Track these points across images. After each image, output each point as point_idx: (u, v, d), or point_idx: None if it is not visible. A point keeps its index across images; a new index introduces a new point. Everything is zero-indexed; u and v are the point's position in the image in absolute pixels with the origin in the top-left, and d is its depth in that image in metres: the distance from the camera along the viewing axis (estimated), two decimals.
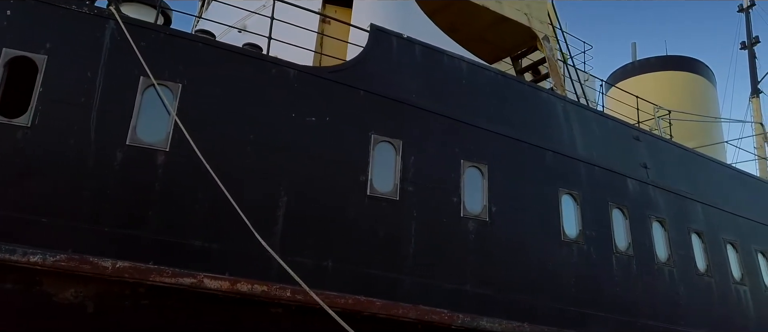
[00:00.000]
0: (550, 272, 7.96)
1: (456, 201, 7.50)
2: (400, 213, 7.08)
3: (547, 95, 9.27)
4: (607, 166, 9.22)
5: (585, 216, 8.56)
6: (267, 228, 6.31)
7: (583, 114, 9.59)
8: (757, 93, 23.67)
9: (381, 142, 7.19)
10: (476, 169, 7.81)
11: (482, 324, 7.11)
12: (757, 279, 10.74)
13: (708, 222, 10.33)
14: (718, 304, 9.77)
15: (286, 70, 6.86)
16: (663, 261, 9.21)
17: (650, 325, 8.71)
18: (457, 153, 7.72)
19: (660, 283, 9.06)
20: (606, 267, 8.51)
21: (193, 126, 6.11)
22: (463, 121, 7.92)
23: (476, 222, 7.55)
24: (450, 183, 7.53)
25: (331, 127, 6.93)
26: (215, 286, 5.97)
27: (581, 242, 8.35)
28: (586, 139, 9.29)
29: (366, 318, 6.60)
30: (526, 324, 7.42)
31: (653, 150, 10.39)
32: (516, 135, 8.37)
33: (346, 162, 6.91)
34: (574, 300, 8.03)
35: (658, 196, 9.74)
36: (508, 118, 8.51)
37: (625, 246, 8.83)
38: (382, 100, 7.35)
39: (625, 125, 10.32)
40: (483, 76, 8.60)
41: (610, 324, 8.24)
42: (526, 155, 8.37)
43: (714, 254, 10.08)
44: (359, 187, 6.90)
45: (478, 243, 7.51)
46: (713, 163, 11.68)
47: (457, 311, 7.02)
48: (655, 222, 9.42)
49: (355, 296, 6.52)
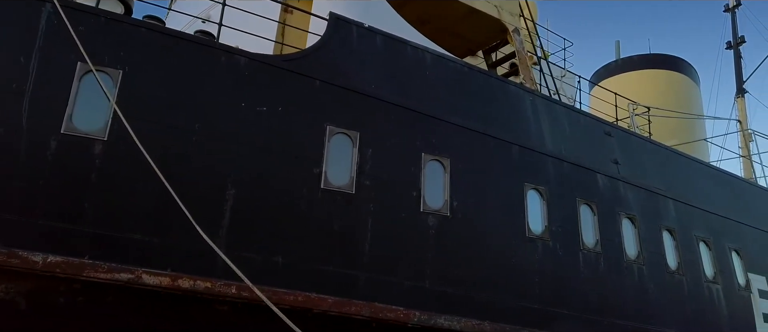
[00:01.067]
0: (514, 269, 7.74)
1: (416, 196, 7.26)
2: (356, 208, 6.83)
3: (516, 89, 9.06)
4: (576, 161, 9.02)
5: (551, 212, 8.35)
6: (213, 222, 6.05)
7: (553, 108, 9.39)
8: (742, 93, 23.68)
9: (337, 134, 6.94)
10: (438, 163, 7.58)
11: (440, 322, 6.88)
12: (731, 278, 10.59)
13: (680, 219, 10.16)
14: (690, 303, 9.59)
15: (236, 57, 6.59)
16: (633, 259, 9.02)
17: (618, 324, 8.52)
18: (418, 146, 7.48)
19: (629, 281, 8.88)
20: (572, 264, 8.30)
21: (134, 114, 5.83)
22: (425, 114, 7.69)
23: (436, 218, 7.32)
24: (410, 177, 7.30)
25: (284, 118, 6.68)
26: (154, 282, 5.69)
27: (547, 238, 8.14)
28: (555, 133, 9.08)
29: (317, 315, 6.36)
30: (486, 323, 7.19)
31: (625, 146, 10.21)
32: (481, 128, 8.15)
33: (298, 154, 6.65)
34: (538, 298, 7.81)
35: (629, 192, 9.56)
36: (474, 111, 8.29)
37: (593, 243, 8.63)
38: (338, 90, 7.10)
39: (596, 120, 10.14)
40: (448, 68, 8.38)
41: (576, 322, 8.04)
42: (490, 149, 8.15)
43: (686, 252, 9.91)
44: (313, 180, 6.65)
45: (439, 238, 7.27)
46: (688, 159, 11.53)
47: (414, 308, 6.78)
48: (625, 218, 9.24)
49: (306, 293, 6.27)
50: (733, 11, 24.35)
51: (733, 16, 24.37)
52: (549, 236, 8.18)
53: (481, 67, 8.97)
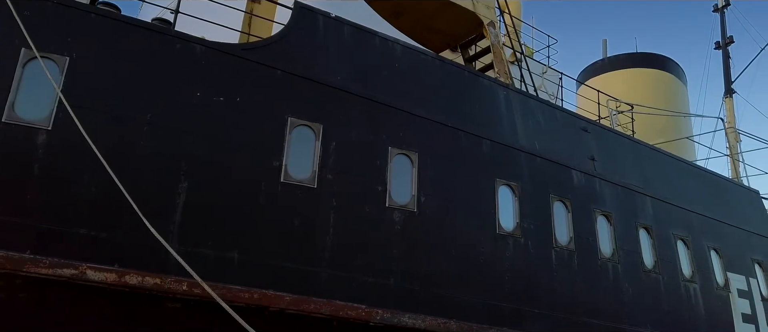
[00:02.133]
0: (483, 266, 7.54)
1: (381, 191, 7.05)
2: (318, 202, 6.61)
3: (489, 83, 8.86)
4: (550, 157, 8.83)
5: (524, 208, 8.16)
6: (165, 216, 5.82)
7: (528, 103, 9.20)
8: (730, 93, 23.61)
9: (299, 126, 6.72)
10: (405, 157, 7.36)
11: (404, 320, 6.67)
12: (709, 277, 10.44)
13: (658, 217, 9.99)
14: (666, 302, 9.42)
15: (193, 45, 6.35)
16: (607, 257, 8.85)
17: (592, 323, 8.33)
18: (385, 139, 7.27)
19: (603, 280, 8.70)
20: (544, 262, 8.11)
21: (81, 103, 5.59)
22: (393, 107, 7.48)
23: (403, 213, 7.10)
24: (375, 171, 7.08)
25: (242, 109, 6.44)
26: (99, 278, 5.44)
27: (518, 235, 7.95)
28: (529, 128, 8.89)
29: (274, 314, 6.13)
30: (453, 321, 6.99)
31: (603, 142, 10.04)
32: (451, 122, 7.94)
33: (257, 146, 6.42)
34: (508, 296, 7.61)
35: (605, 190, 9.38)
36: (444, 104, 8.08)
37: (566, 241, 8.44)
38: (301, 81, 6.88)
39: (573, 116, 9.96)
40: (418, 61, 8.16)
41: (547, 321, 7.85)
42: (461, 143, 7.94)
43: (663, 250, 9.75)
44: (272, 174, 6.42)
45: (404, 234, 7.06)
46: (667, 157, 11.36)
47: (376, 306, 6.57)
48: (600, 216, 9.06)
49: (262, 290, 6.04)
50: (722, 11, 24.26)
51: (721, 16, 24.29)
52: (520, 233, 7.98)
53: (453, 60, 8.76)
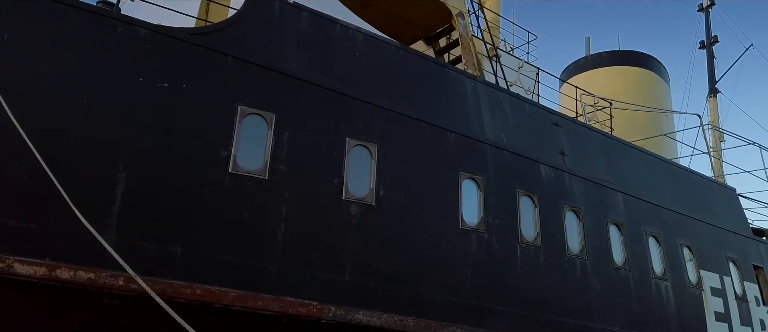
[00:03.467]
0: (445, 262, 7.30)
1: (337, 183, 6.78)
2: (269, 194, 6.33)
3: (456, 74, 8.62)
4: (518, 150, 8.61)
5: (489, 202, 7.93)
6: (102, 207, 5.52)
7: (496, 96, 8.98)
8: (714, 92, 23.58)
9: (250, 115, 6.43)
10: (364, 149, 7.10)
11: (358, 317, 6.41)
12: (681, 275, 10.28)
13: (629, 213, 9.81)
14: (636, 300, 9.24)
15: (136, 29, 6.04)
16: (575, 254, 8.64)
17: (558, 321, 8.12)
18: (342, 130, 7.01)
19: (571, 277, 8.49)
20: (509, 257, 7.89)
21: (10, 86, 5.27)
22: (352, 96, 7.21)
23: (360, 206, 6.85)
24: (331, 163, 6.82)
25: (188, 95, 6.15)
26: (27, 272, 5.13)
27: (482, 230, 7.71)
28: (496, 121, 8.67)
29: (219, 311, 5.85)
30: (410, 319, 6.74)
31: (574, 137, 9.84)
32: (414, 114, 7.69)
33: (203, 135, 6.13)
34: (470, 293, 7.38)
35: (575, 185, 9.18)
36: (407, 95, 7.83)
37: (532, 236, 8.22)
38: (254, 68, 6.59)
39: (544, 110, 9.75)
40: (381, 50, 7.91)
41: (511, 318, 7.63)
42: (424, 135, 7.70)
43: (634, 247, 9.57)
44: (219, 164, 6.13)
45: (362, 229, 6.80)
46: (641, 153, 11.20)
47: (329, 303, 6.30)
48: (569, 211, 8.85)
49: (206, 286, 5.75)
50: (707, 11, 24.26)
51: (706, 16, 24.29)
52: (485, 228, 7.75)
53: (418, 51, 8.52)
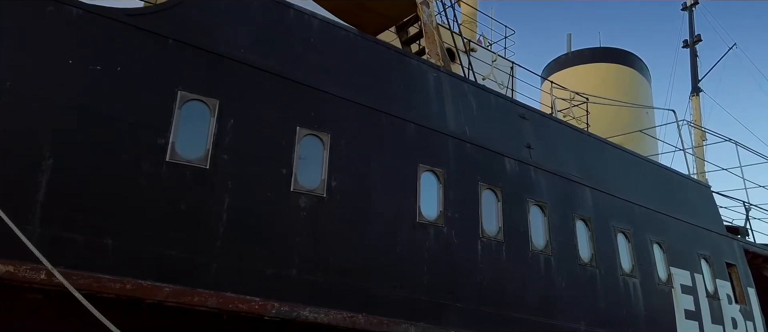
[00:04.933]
0: (400, 257, 7.02)
1: (285, 173, 6.48)
2: (210, 185, 6.02)
3: (417, 63, 8.35)
4: (481, 143, 8.35)
5: (449, 196, 7.67)
6: (25, 197, 5.18)
7: (460, 87, 8.71)
8: (697, 91, 23.49)
9: (190, 101, 6.11)
10: (316, 138, 6.81)
11: (304, 314, 6.12)
12: (651, 272, 10.08)
13: (598, 208, 9.60)
14: (603, 297, 9.03)
15: (67, 8, 5.70)
16: (539, 249, 8.40)
17: (520, 318, 7.88)
18: (292, 118, 6.71)
19: (534, 273, 8.25)
20: (469, 253, 7.63)
21: None
22: (305, 84, 6.91)
23: (309, 198, 6.55)
24: (279, 153, 6.51)
25: (123, 79, 5.82)
26: None
27: (441, 224, 7.45)
28: (460, 113, 8.40)
29: (152, 306, 5.53)
30: (361, 315, 6.46)
31: (541, 130, 9.60)
32: (371, 103, 7.41)
33: (139, 121, 5.80)
34: (426, 289, 7.11)
35: (541, 179, 8.94)
36: (365, 84, 7.54)
37: (494, 231, 7.97)
38: (197, 52, 6.27)
39: (510, 102, 9.51)
40: (338, 37, 7.61)
41: (470, 316, 7.37)
42: (381, 126, 7.42)
43: (601, 243, 9.35)
44: (156, 152, 5.81)
45: (311, 222, 6.51)
46: (612, 148, 11.00)
47: (273, 299, 6.00)
48: (533, 206, 8.61)
49: (137, 281, 5.43)
50: (691, 9, 24.18)
51: (690, 15, 24.22)
52: (444, 222, 7.49)
53: (377, 39, 8.23)
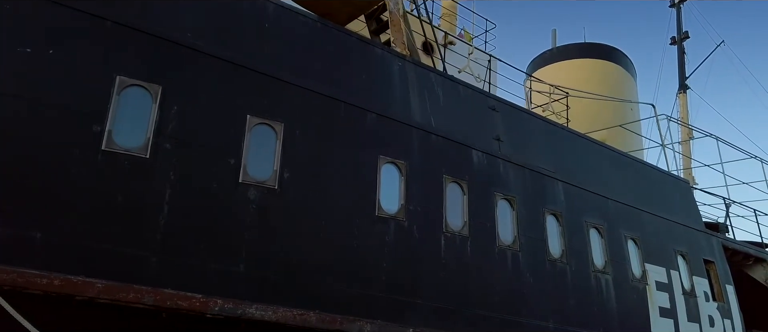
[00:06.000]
0: (357, 252, 6.73)
1: (234, 164, 6.16)
2: (150, 176, 5.68)
3: (381, 52, 8.04)
4: (447, 134, 8.07)
5: (411, 189, 7.38)
6: None
7: (427, 77, 8.41)
8: (684, 89, 23.34)
9: (130, 86, 5.78)
10: (268, 127, 6.49)
11: (250, 312, 5.80)
12: (625, 268, 9.85)
13: (570, 203, 9.34)
14: (573, 294, 8.77)
15: None
16: (507, 245, 8.13)
17: (485, 316, 7.61)
18: (242, 106, 6.38)
19: (501, 269, 7.98)
20: (432, 248, 7.34)
21: None
22: (257, 70, 6.59)
23: (260, 191, 6.23)
24: (227, 142, 6.19)
25: (55, 63, 5.47)
26: None
27: (402, 218, 7.16)
28: (425, 103, 8.11)
29: (83, 303, 5.19)
30: (312, 313, 6.15)
31: (513, 123, 9.33)
32: (329, 92, 7.10)
33: (72, 107, 5.46)
34: (385, 286, 6.82)
35: (510, 172, 8.67)
36: (324, 72, 7.23)
37: (459, 226, 7.69)
38: (137, 34, 5.93)
39: (480, 93, 9.22)
40: (295, 22, 7.28)
41: (431, 313, 7.09)
42: (339, 115, 7.11)
43: (573, 238, 9.10)
44: (90, 140, 5.47)
45: (261, 215, 6.20)
46: (586, 141, 10.74)
47: (217, 296, 5.69)
48: (501, 200, 8.34)
49: (67, 276, 5.09)
50: (679, 6, 24.05)
51: (678, 12, 24.11)
52: (405, 216, 7.20)
53: (337, 25, 7.91)
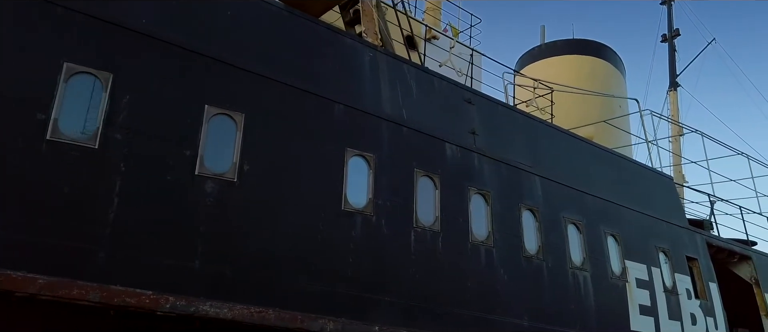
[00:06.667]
0: (321, 247, 6.50)
1: (190, 155, 5.92)
2: (99, 166, 5.44)
3: (351, 42, 7.82)
4: (418, 127, 7.85)
5: (380, 182, 7.16)
6: None
7: (400, 69, 8.19)
8: (675, 86, 23.22)
9: (79, 74, 5.53)
10: (228, 118, 6.25)
11: (204, 309, 5.56)
12: (604, 265, 9.66)
13: (548, 198, 9.15)
14: (549, 291, 8.57)
15: None
16: (481, 240, 7.92)
17: (457, 313, 7.39)
18: (200, 96, 6.14)
19: (474, 265, 7.77)
20: (401, 244, 7.12)
21: None
22: (216, 59, 6.35)
23: (218, 183, 6.00)
24: (183, 133, 5.95)
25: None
26: None
27: (369, 213, 6.94)
28: (397, 95, 7.89)
29: (23, 300, 4.94)
30: (271, 310, 5.92)
31: (489, 116, 9.12)
32: (294, 82, 6.86)
33: (14, 95, 5.20)
34: (351, 282, 6.60)
35: (485, 166, 8.46)
36: (289, 61, 7.00)
37: (430, 221, 7.47)
38: (86, 19, 5.67)
39: (456, 86, 9.00)
40: (259, 9, 7.04)
41: (398, 311, 6.87)
42: (304, 106, 6.88)
43: (550, 234, 8.90)
44: (34, 129, 5.22)
45: (219, 208, 5.96)
46: (567, 136, 10.55)
47: (169, 292, 5.45)
48: (476, 194, 8.13)
49: (5, 271, 4.84)
50: (670, 4, 23.95)
51: (669, 9, 24.00)
52: (373, 210, 6.97)
53: (304, 14, 7.67)
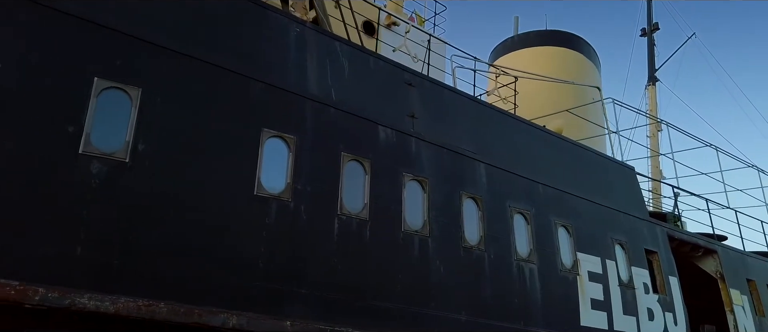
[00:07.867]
0: (228, 234, 5.95)
1: (73, 132, 5.33)
2: None
3: (274, 15, 7.25)
4: (349, 109, 7.32)
5: (301, 166, 6.62)
6: None
7: (331, 46, 7.65)
8: (653, 81, 22.93)
9: None
10: (121, 92, 5.67)
11: (82, 302, 4.98)
12: (553, 257, 9.21)
13: (492, 186, 8.67)
14: (490, 283, 8.10)
15: None
16: (415, 230, 7.42)
17: (385, 307, 6.89)
18: (88, 69, 5.55)
19: (406, 256, 7.26)
20: (322, 232, 6.60)
21: None
22: (108, 27, 5.75)
23: (106, 163, 5.42)
24: (65, 108, 5.36)
25: None
26: None
27: (287, 198, 6.40)
28: (325, 74, 7.35)
29: None
30: (162, 303, 5.36)
31: (432, 99, 8.62)
32: (202, 55, 6.29)
33: None
34: (263, 274, 6.06)
35: (423, 152, 7.96)
36: (198, 33, 6.42)
37: (357, 208, 6.95)
38: None
39: (395, 67, 8.47)
40: None
41: (317, 304, 6.34)
42: (214, 82, 6.31)
43: (493, 224, 8.42)
44: None
45: (106, 190, 5.38)
46: (519, 122, 10.08)
47: (41, 284, 4.86)
48: (411, 181, 7.62)
49: None
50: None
51: (648, 3, 23.75)
52: (291, 196, 6.44)
53: None
